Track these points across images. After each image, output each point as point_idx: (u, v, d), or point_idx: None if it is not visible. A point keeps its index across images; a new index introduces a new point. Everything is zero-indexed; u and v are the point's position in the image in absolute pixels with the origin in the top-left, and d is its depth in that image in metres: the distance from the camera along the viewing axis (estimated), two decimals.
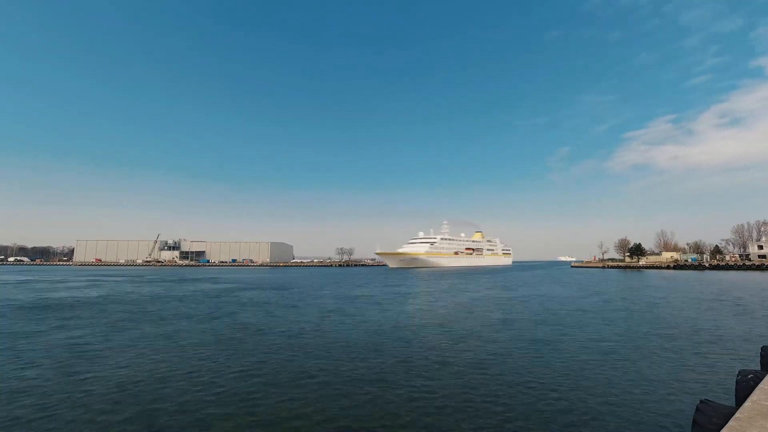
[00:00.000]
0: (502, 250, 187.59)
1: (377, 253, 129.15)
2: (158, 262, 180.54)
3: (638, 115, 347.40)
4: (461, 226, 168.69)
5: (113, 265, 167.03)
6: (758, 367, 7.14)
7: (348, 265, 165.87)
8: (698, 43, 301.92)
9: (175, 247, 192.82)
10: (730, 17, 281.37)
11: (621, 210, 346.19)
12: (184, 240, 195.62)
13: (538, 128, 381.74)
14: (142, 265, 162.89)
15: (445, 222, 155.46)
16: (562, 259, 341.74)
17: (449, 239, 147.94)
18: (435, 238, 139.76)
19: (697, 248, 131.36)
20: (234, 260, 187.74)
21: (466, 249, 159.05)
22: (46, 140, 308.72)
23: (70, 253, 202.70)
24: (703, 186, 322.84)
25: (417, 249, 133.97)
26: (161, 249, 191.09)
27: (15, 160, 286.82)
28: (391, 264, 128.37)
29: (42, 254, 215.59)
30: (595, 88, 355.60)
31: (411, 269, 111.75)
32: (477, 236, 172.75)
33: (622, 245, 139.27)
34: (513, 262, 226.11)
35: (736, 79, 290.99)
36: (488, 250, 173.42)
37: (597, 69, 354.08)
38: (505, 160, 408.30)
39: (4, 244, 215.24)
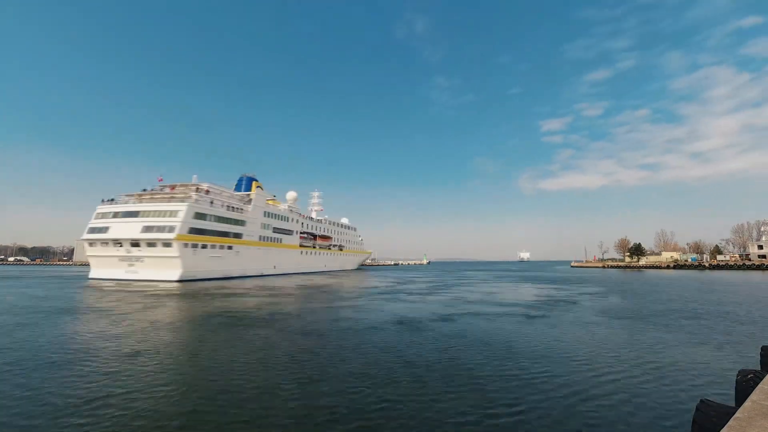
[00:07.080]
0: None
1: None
2: None
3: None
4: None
5: None
6: (758, 367, 7.12)
7: None
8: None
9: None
10: None
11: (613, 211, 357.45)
12: None
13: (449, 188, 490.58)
14: None
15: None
16: (523, 255, 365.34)
17: None
18: None
19: (697, 248, 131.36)
20: None
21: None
22: (46, 139, 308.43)
23: (70, 253, 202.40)
24: (703, 185, 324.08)
25: None
26: None
27: (15, 160, 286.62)
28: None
29: (42, 254, 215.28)
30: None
31: None
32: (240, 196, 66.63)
33: (622, 245, 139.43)
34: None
35: None
36: (245, 236, 61.37)
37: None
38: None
39: (4, 244, 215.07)
